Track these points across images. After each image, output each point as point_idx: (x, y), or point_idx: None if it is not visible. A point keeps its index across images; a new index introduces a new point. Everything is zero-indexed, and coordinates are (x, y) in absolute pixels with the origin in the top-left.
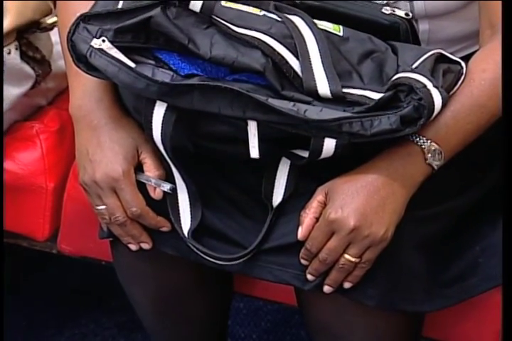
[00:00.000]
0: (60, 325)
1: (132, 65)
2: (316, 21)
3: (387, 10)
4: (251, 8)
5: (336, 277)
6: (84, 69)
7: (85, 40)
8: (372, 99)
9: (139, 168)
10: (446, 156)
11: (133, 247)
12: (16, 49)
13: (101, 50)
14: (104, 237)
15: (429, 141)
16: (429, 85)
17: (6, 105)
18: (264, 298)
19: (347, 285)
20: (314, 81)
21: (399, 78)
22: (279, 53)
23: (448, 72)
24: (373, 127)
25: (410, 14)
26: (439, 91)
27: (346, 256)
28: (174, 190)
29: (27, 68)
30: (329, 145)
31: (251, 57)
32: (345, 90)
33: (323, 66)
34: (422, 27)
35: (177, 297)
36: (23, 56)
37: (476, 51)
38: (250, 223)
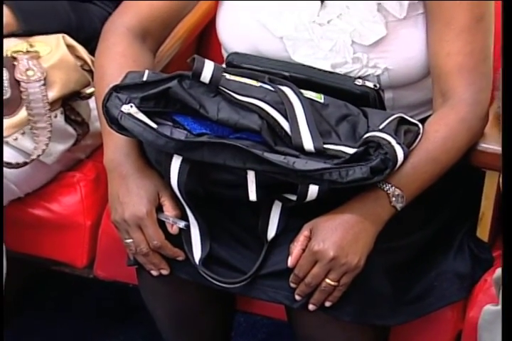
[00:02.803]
0: (95, 337)
1: (154, 126)
2: (302, 91)
3: (359, 82)
4: (250, 80)
5: (319, 297)
6: (116, 129)
7: (117, 106)
8: (348, 153)
9: (159, 209)
10: (407, 199)
11: (154, 273)
12: (61, 113)
13: (129, 114)
14: (131, 265)
15: (393, 187)
16: (393, 142)
17: (53, 159)
18: (261, 314)
19: (328, 304)
20: (301, 139)
21: (369, 136)
22: (272, 116)
23: (408, 132)
24: (349, 176)
25: (378, 85)
26: (401, 147)
27: (327, 280)
28: (188, 226)
29: (70, 129)
30: (313, 190)
31: (250, 120)
32: (325, 146)
33: (308, 127)
34: (387, 95)
35: (190, 313)
36: (67, 119)
37: (430, 115)
38: (249, 253)
